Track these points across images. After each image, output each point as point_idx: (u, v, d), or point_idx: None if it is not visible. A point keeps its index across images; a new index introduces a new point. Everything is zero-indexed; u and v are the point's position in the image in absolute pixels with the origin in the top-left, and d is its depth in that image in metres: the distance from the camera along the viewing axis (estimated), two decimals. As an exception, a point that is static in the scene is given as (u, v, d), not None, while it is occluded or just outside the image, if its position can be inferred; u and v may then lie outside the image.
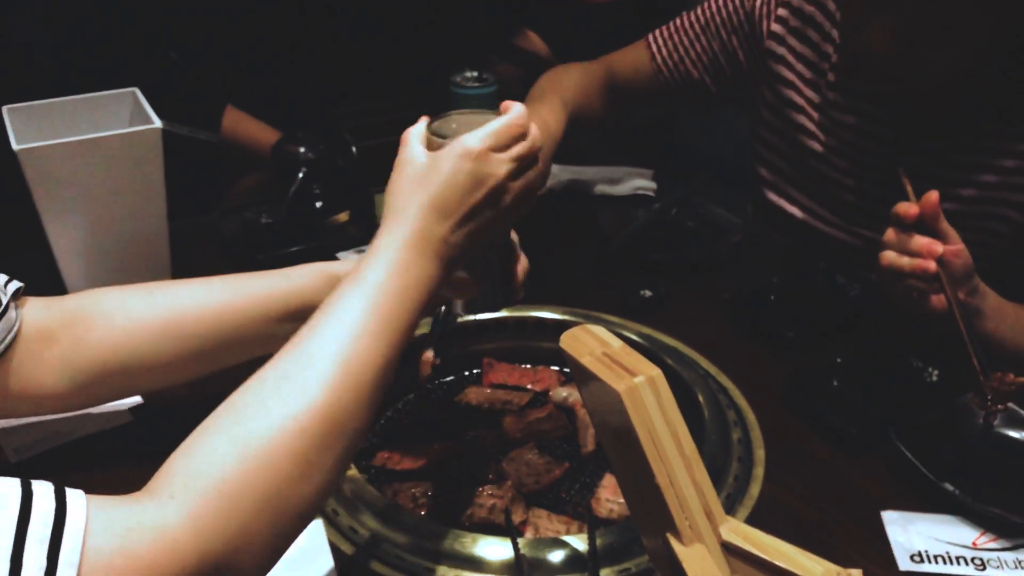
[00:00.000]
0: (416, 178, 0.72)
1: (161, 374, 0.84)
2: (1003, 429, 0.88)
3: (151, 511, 0.53)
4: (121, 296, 0.83)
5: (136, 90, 1.15)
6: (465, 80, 1.34)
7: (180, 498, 0.54)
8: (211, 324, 0.82)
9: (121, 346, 0.81)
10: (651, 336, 1.08)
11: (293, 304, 0.83)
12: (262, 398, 0.60)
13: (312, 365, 0.62)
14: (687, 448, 0.64)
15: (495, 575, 0.77)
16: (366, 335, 0.64)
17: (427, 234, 0.70)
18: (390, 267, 0.68)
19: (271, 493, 0.57)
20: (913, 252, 0.91)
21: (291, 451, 0.58)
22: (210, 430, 0.59)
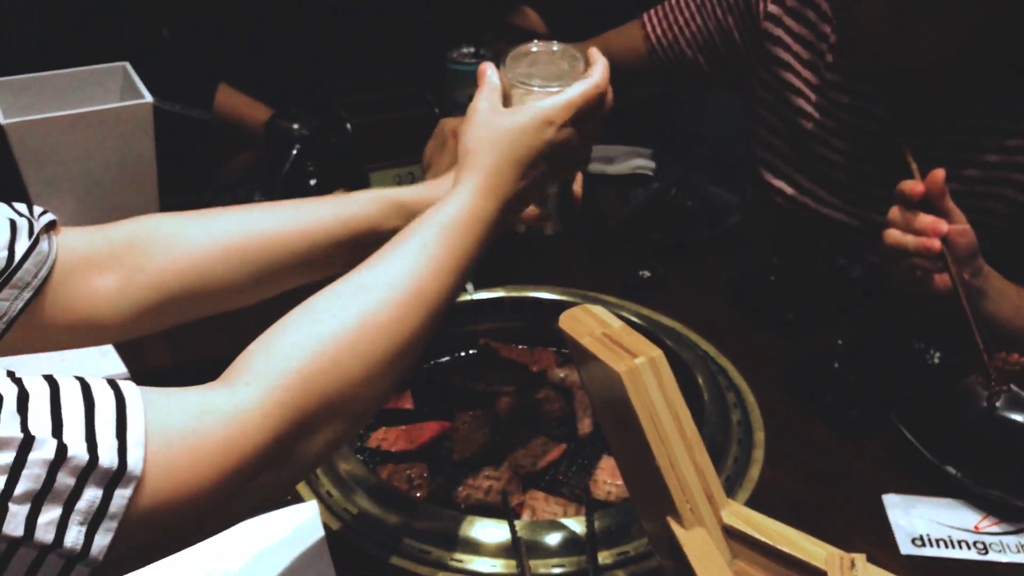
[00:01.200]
0: (498, 134, 0.76)
1: (225, 298, 0.84)
2: (1006, 412, 0.88)
3: (226, 395, 0.57)
4: (178, 222, 0.82)
5: (127, 64, 1.13)
6: (462, 56, 1.32)
7: (255, 384, 0.58)
8: (276, 248, 0.82)
9: (185, 272, 0.80)
10: (649, 317, 1.07)
11: (357, 228, 0.84)
12: (341, 302, 0.64)
13: (388, 282, 0.66)
14: (688, 430, 0.62)
15: (492, 557, 0.76)
16: (436, 263, 0.69)
17: (500, 188, 0.75)
18: (464, 207, 0.73)
19: (338, 388, 0.61)
20: (918, 230, 0.90)
21: (361, 353, 0.63)
22: (287, 326, 0.63)
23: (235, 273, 0.81)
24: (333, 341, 0.62)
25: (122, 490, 0.50)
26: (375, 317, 0.64)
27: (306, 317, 0.63)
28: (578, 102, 0.77)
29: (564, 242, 1.22)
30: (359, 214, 0.84)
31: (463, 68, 1.32)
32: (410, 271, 0.67)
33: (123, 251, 0.79)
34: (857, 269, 1.13)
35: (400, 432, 0.94)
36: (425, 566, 0.76)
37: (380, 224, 0.84)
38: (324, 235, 0.83)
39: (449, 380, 1.03)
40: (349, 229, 0.84)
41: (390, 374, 0.66)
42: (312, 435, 0.60)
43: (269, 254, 0.82)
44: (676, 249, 1.21)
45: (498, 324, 1.10)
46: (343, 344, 0.62)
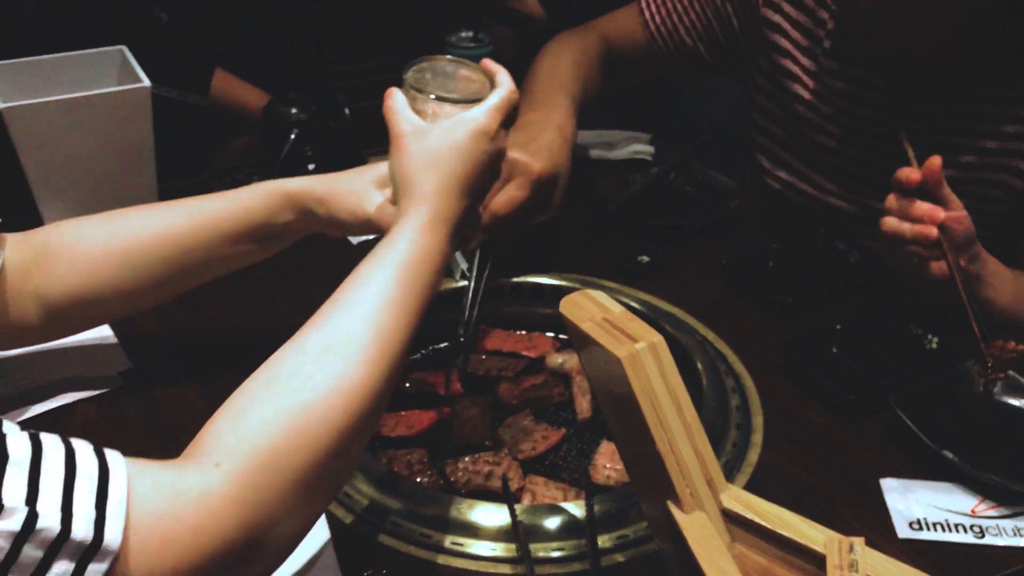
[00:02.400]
0: (433, 156, 0.73)
1: (127, 302, 0.85)
2: (1003, 397, 0.88)
3: (197, 477, 0.54)
4: (79, 227, 0.83)
5: (124, 48, 1.12)
6: (460, 40, 1.32)
7: (225, 466, 0.54)
8: (169, 249, 0.83)
9: (84, 277, 0.81)
10: (648, 302, 1.07)
11: (248, 224, 0.84)
12: (306, 369, 0.61)
13: (352, 340, 0.63)
14: (688, 415, 0.63)
15: (492, 541, 0.76)
16: (395, 309, 0.66)
17: (446, 215, 0.72)
18: (412, 250, 0.70)
19: (312, 465, 0.58)
20: (914, 218, 0.90)
21: (334, 425, 0.59)
22: (255, 398, 0.59)
23: (136, 275, 0.83)
24: (301, 413, 0.58)
25: (96, 564, 0.47)
26: (343, 383, 0.61)
27: (270, 387, 0.60)
28: (502, 106, 0.75)
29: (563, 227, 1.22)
30: (250, 210, 0.84)
31: (462, 52, 1.31)
32: (373, 324, 0.64)
33: (40, 258, 0.81)
34: (855, 254, 1.13)
35: (399, 418, 0.94)
36: (425, 550, 0.76)
37: (272, 219, 0.84)
38: (217, 233, 0.84)
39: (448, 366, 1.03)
40: (242, 226, 0.84)
41: (362, 439, 0.64)
42: (287, 516, 0.57)
43: (163, 254, 0.83)
44: (675, 234, 1.21)
45: (496, 309, 1.10)
46: (312, 416, 0.59)
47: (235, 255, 0.85)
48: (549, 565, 0.75)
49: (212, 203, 0.85)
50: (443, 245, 0.72)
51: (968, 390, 0.89)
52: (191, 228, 0.83)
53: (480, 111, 0.74)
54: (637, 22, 1.29)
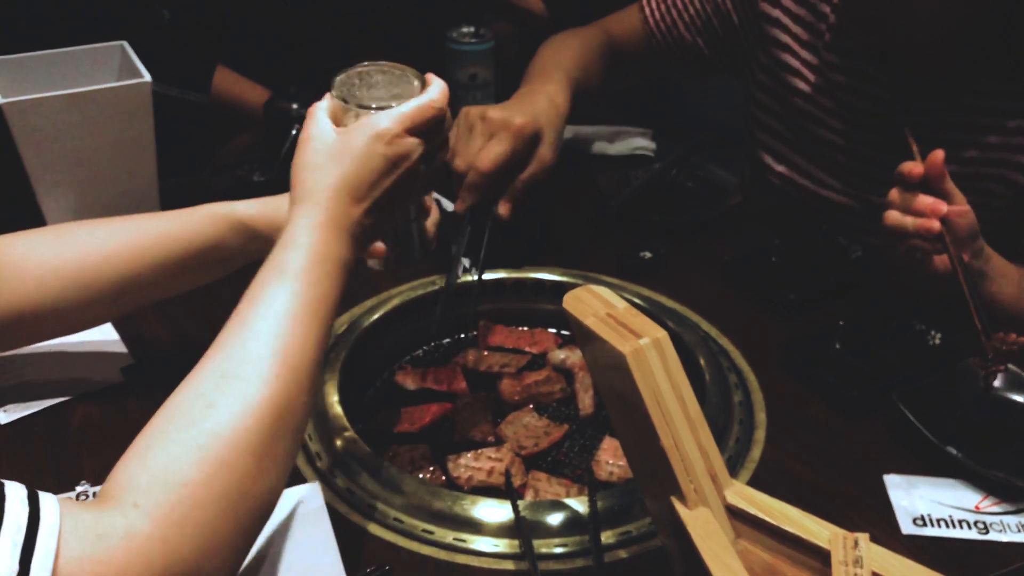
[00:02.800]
0: (327, 156, 0.70)
1: (72, 318, 0.84)
2: (1007, 393, 0.88)
3: (117, 519, 0.53)
4: (29, 242, 0.82)
5: (124, 43, 1.12)
6: (461, 36, 1.32)
7: (144, 506, 0.54)
8: (118, 268, 0.82)
9: (32, 293, 0.80)
10: (651, 298, 1.07)
11: (195, 247, 0.84)
12: (208, 398, 0.59)
13: (250, 360, 0.61)
14: (692, 411, 0.63)
15: (495, 537, 0.76)
16: (296, 321, 0.64)
17: (341, 217, 0.69)
18: (309, 252, 0.67)
19: (232, 491, 0.57)
20: (917, 212, 0.90)
21: (247, 448, 0.58)
22: (162, 435, 0.58)
23: (83, 293, 0.82)
24: (214, 443, 0.57)
25: None
26: (250, 402, 0.59)
27: (174, 422, 0.59)
28: (412, 115, 0.71)
29: (564, 223, 1.22)
30: (199, 233, 0.84)
31: (463, 48, 1.31)
32: (272, 339, 0.62)
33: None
34: (858, 250, 1.13)
35: (402, 414, 0.94)
36: (428, 546, 0.76)
37: (220, 243, 0.84)
38: (166, 255, 0.83)
39: (450, 362, 1.03)
40: (191, 248, 0.84)
41: (284, 455, 0.62)
42: (216, 544, 0.56)
43: (111, 273, 0.82)
44: (677, 230, 1.21)
45: (497, 305, 1.09)
46: (224, 442, 0.57)
47: (182, 277, 0.85)
48: (552, 561, 0.75)
49: (162, 224, 0.85)
50: (339, 247, 0.69)
51: (971, 386, 0.88)
52: (140, 249, 0.83)
53: (383, 115, 0.71)
54: (638, 18, 1.29)
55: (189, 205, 1.23)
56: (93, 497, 0.79)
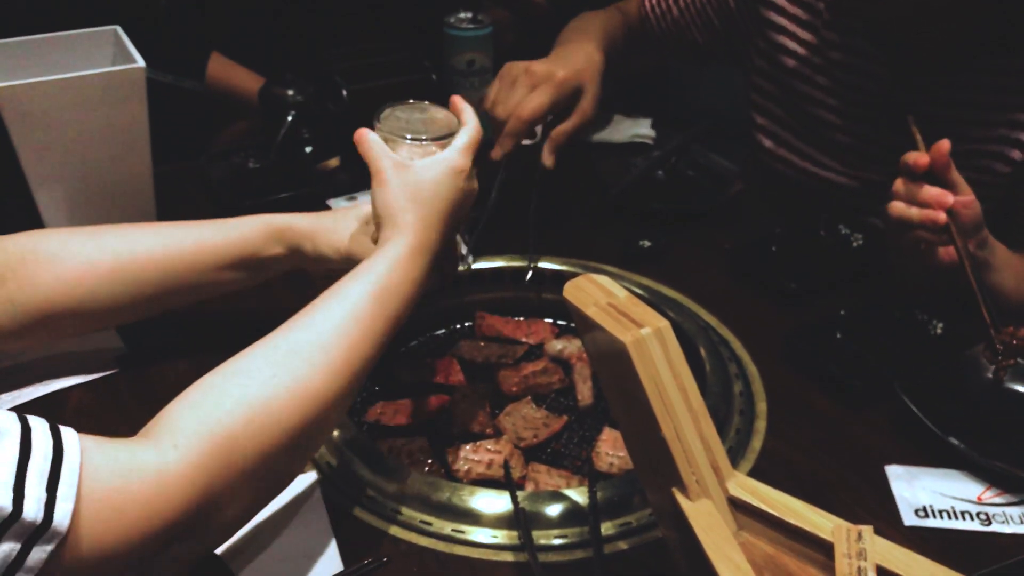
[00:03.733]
0: (417, 190, 0.77)
1: (108, 316, 0.86)
2: (1010, 384, 0.87)
3: (153, 455, 0.56)
4: (68, 238, 0.83)
5: (118, 28, 1.10)
6: (459, 21, 1.30)
7: (183, 447, 0.57)
8: (160, 269, 0.84)
9: (72, 288, 0.81)
10: (651, 287, 1.06)
11: (239, 254, 0.85)
12: (273, 365, 0.64)
13: (320, 346, 0.66)
14: (694, 401, 0.62)
15: (494, 529, 0.76)
16: (365, 322, 0.69)
17: (424, 245, 0.76)
18: (391, 269, 0.73)
19: (262, 458, 0.61)
20: (923, 203, 0.89)
21: (289, 424, 0.62)
22: (218, 386, 0.62)
23: (119, 292, 0.83)
24: (262, 406, 0.61)
25: (43, 546, 0.49)
26: (305, 384, 0.64)
27: (236, 378, 0.63)
28: (472, 145, 0.80)
29: (564, 212, 1.21)
30: (240, 240, 0.85)
31: (461, 33, 1.30)
32: (342, 336, 0.67)
33: (16, 264, 0.81)
34: (860, 239, 1.12)
35: (399, 406, 0.93)
36: (426, 537, 0.75)
37: (261, 251, 0.85)
38: (205, 259, 0.85)
39: (446, 353, 1.02)
40: (230, 254, 0.85)
41: (312, 441, 0.68)
42: (235, 500, 0.60)
43: (151, 275, 0.84)
44: (677, 219, 1.20)
45: (493, 295, 1.09)
46: (272, 410, 0.61)
47: (221, 282, 0.87)
48: (552, 552, 0.74)
49: (205, 230, 0.86)
50: (421, 273, 0.75)
51: (974, 376, 0.87)
52: (182, 252, 0.84)
53: (454, 151, 0.79)
54: (635, 5, 1.30)
55: (184, 192, 1.24)
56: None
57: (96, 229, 0.86)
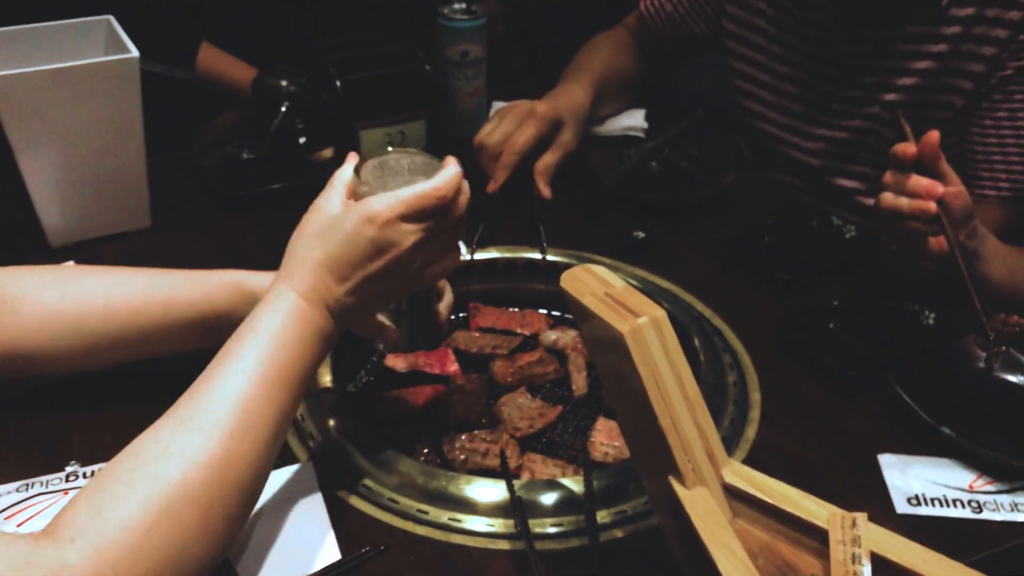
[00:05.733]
0: (319, 231, 0.71)
1: (63, 364, 0.83)
2: (1000, 373, 0.88)
3: (50, 552, 0.53)
4: (35, 281, 0.81)
5: (111, 18, 1.10)
6: (453, 12, 1.30)
7: (80, 542, 0.54)
8: (120, 322, 0.81)
9: (28, 335, 0.79)
10: (644, 278, 1.06)
11: (204, 314, 0.82)
12: (164, 443, 0.61)
13: (210, 410, 0.63)
14: (690, 390, 0.62)
15: (490, 517, 0.76)
16: (262, 383, 0.65)
17: (321, 292, 0.70)
18: (285, 318, 0.68)
19: (172, 543, 0.58)
20: (912, 193, 0.90)
21: (192, 499, 0.59)
22: (112, 475, 0.59)
23: (79, 342, 0.81)
24: (160, 489, 0.58)
25: None
26: (204, 453, 0.61)
27: (129, 460, 0.60)
28: (409, 201, 0.69)
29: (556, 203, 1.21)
30: (209, 299, 0.82)
31: (454, 24, 1.30)
32: (235, 396, 0.64)
33: None
34: (852, 230, 1.12)
35: (394, 396, 0.94)
36: (423, 526, 0.76)
37: (225, 311, 0.81)
38: (170, 315, 0.82)
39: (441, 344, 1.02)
40: (198, 313, 0.82)
41: (232, 516, 0.63)
42: None
43: (114, 328, 0.81)
44: (670, 210, 1.20)
45: (487, 286, 1.09)
46: (172, 488, 0.59)
47: (183, 339, 0.83)
48: (548, 541, 0.75)
49: (175, 284, 0.83)
50: (312, 317, 0.69)
51: (966, 366, 0.88)
52: (148, 306, 0.81)
53: (377, 199, 0.69)
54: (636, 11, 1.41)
55: (177, 182, 1.23)
56: (83, 478, 0.78)
57: (66, 271, 0.84)
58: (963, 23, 1.08)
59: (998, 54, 1.07)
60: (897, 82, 1.14)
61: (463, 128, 1.38)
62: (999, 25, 1.06)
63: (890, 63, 1.15)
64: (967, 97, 1.12)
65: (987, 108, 1.11)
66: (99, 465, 0.79)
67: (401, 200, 0.69)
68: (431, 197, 0.70)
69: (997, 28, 1.06)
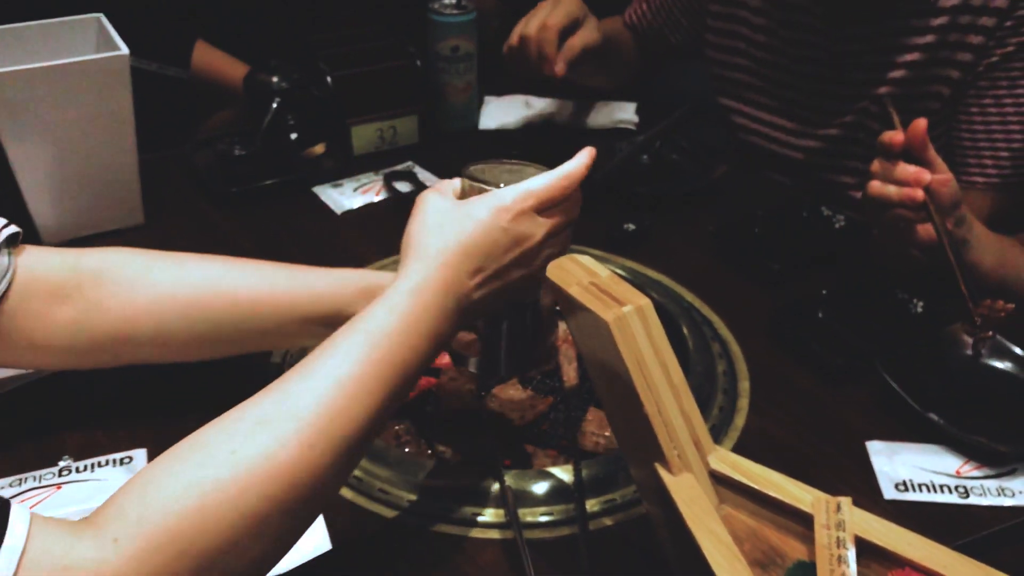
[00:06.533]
0: (445, 219, 0.66)
1: (173, 351, 0.79)
2: (988, 360, 0.88)
3: (91, 550, 0.50)
4: (147, 263, 0.78)
5: (101, 16, 1.10)
6: (443, 7, 1.30)
7: (123, 544, 0.50)
8: (238, 311, 0.77)
9: (140, 318, 0.76)
10: (635, 269, 1.07)
11: (324, 309, 0.78)
12: (234, 441, 0.55)
13: (292, 416, 0.56)
14: (675, 377, 0.63)
15: (480, 507, 0.76)
16: (357, 387, 0.59)
17: (450, 282, 0.65)
18: (398, 314, 0.62)
19: (220, 548, 0.53)
20: (900, 181, 0.90)
21: (248, 509, 0.53)
22: (171, 468, 0.54)
23: (194, 328, 0.77)
24: (217, 492, 0.52)
25: None
26: (272, 461, 0.54)
27: (193, 457, 0.54)
28: (539, 193, 0.68)
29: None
30: (327, 294, 0.78)
31: (445, 19, 1.30)
32: (320, 402, 0.57)
33: (88, 283, 0.76)
34: (841, 220, 1.13)
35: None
36: (413, 516, 0.76)
37: (345, 308, 0.76)
38: (288, 308, 0.78)
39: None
40: (314, 308, 0.78)
41: (288, 527, 0.57)
42: None
43: (230, 316, 0.77)
44: (661, 202, 1.21)
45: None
46: (227, 495, 0.53)
47: (298, 333, 0.79)
48: (537, 529, 0.75)
49: (296, 277, 0.79)
50: (433, 315, 0.63)
51: (953, 354, 0.89)
52: (269, 296, 0.77)
53: (509, 190, 0.67)
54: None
55: (170, 178, 1.24)
56: (76, 472, 0.79)
57: (181, 257, 0.80)
58: (949, 13, 1.09)
59: (985, 42, 1.08)
60: (886, 76, 1.15)
61: (455, 123, 1.38)
62: (985, 13, 1.07)
63: (878, 58, 1.15)
64: (955, 86, 1.12)
65: (974, 95, 1.11)
66: (92, 459, 0.79)
67: (532, 192, 0.68)
68: (560, 188, 0.69)
69: (983, 16, 1.07)
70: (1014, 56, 1.07)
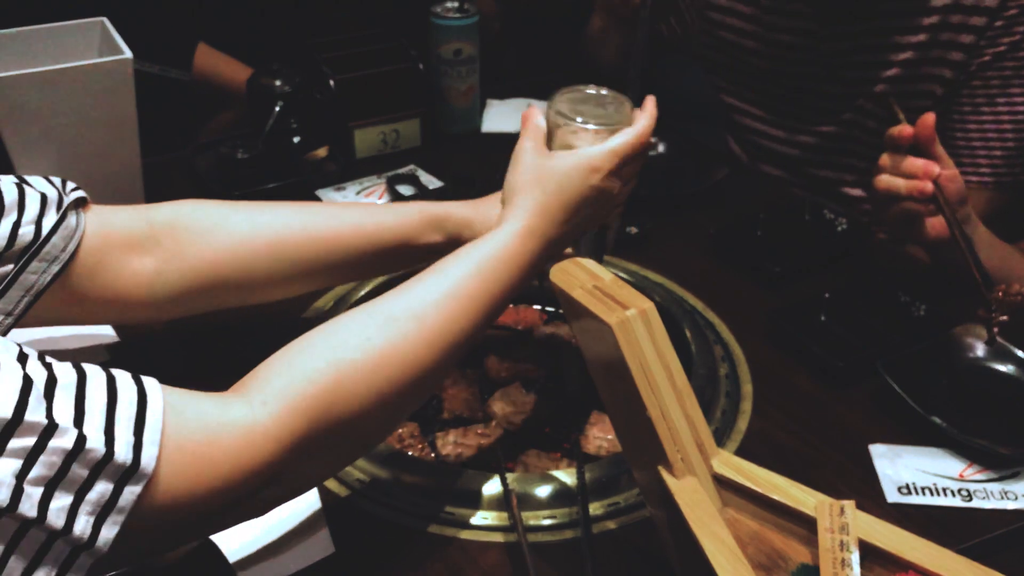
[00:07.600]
0: (544, 175, 0.77)
1: (256, 292, 0.85)
2: (990, 363, 0.89)
3: (243, 410, 0.57)
4: (222, 211, 0.83)
5: (104, 20, 1.11)
6: (446, 11, 1.31)
7: (272, 405, 0.58)
8: (315, 248, 0.83)
9: (222, 262, 0.81)
10: (637, 272, 1.07)
11: (395, 240, 0.85)
12: (368, 331, 0.64)
13: (417, 313, 0.66)
14: (679, 381, 0.63)
15: (483, 510, 0.77)
16: (466, 297, 0.69)
17: (544, 229, 0.76)
18: (502, 248, 0.73)
19: (350, 417, 0.62)
20: (909, 174, 0.90)
21: (377, 385, 0.63)
22: (311, 346, 0.63)
23: (271, 268, 0.83)
24: (352, 370, 0.62)
25: (132, 486, 0.50)
26: (397, 349, 0.64)
27: (331, 340, 0.64)
28: (622, 151, 0.78)
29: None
30: (398, 224, 0.85)
31: (447, 23, 1.30)
32: (440, 306, 0.68)
33: (164, 234, 0.80)
34: (843, 223, 1.13)
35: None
36: (417, 519, 0.76)
37: (416, 237, 0.85)
38: (362, 241, 0.84)
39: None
40: (386, 239, 0.84)
41: (402, 406, 0.68)
42: (316, 459, 0.62)
43: (307, 253, 0.83)
44: (663, 205, 1.21)
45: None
46: (362, 374, 0.62)
47: (374, 265, 0.87)
48: (541, 533, 0.75)
49: (366, 213, 0.86)
50: (530, 255, 0.74)
51: (956, 356, 0.89)
52: (342, 231, 0.84)
53: (599, 149, 0.77)
54: None
55: (173, 183, 1.24)
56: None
57: (254, 205, 0.85)
58: (940, 12, 1.09)
59: (976, 41, 1.08)
60: (879, 74, 1.14)
61: (458, 126, 1.38)
62: (976, 12, 1.07)
63: (870, 56, 1.15)
64: (948, 86, 1.12)
65: (967, 95, 1.11)
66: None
67: (616, 152, 0.78)
68: (638, 144, 0.79)
69: (974, 15, 1.07)
70: (1006, 55, 1.07)
